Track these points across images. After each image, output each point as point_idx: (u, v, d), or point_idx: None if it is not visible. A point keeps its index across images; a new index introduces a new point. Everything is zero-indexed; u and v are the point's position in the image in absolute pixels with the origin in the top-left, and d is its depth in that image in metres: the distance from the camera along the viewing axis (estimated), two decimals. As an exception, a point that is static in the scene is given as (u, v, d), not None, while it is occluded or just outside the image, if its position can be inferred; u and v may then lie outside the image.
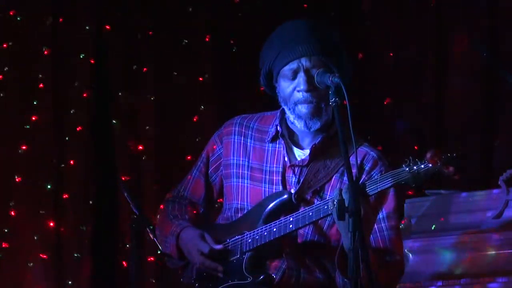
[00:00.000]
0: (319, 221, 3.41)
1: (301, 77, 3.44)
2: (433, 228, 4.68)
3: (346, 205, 3.03)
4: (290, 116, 3.51)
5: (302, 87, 3.44)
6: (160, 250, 3.76)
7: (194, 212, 3.68)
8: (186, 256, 3.56)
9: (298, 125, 3.49)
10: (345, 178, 3.36)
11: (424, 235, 4.64)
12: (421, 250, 4.55)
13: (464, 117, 5.76)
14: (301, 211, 3.39)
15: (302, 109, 3.46)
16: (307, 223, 3.37)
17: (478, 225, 4.58)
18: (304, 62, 3.42)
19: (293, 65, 3.45)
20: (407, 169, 3.22)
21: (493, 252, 4.45)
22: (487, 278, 4.37)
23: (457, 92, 5.81)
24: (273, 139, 3.59)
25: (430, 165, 3.19)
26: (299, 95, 3.45)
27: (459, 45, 5.73)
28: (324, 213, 3.32)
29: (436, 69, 5.93)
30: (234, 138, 3.64)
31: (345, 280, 3.31)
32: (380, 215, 3.48)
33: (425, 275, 4.53)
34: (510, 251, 4.39)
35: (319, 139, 3.51)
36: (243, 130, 3.64)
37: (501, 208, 4.53)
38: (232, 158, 3.62)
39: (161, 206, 3.75)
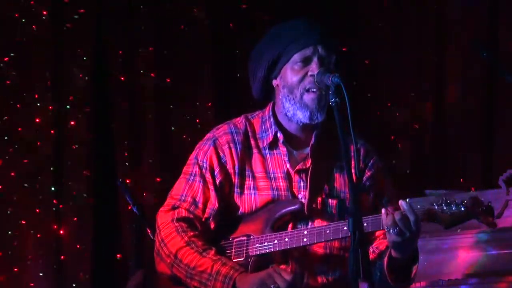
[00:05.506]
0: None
1: (315, 62, 3.38)
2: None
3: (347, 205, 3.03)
4: (291, 109, 3.42)
5: (316, 70, 3.36)
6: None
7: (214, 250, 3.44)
8: None
9: (300, 116, 3.41)
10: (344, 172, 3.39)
11: (424, 235, 4.63)
12: (422, 251, 4.54)
13: (464, 118, 5.77)
14: (317, 228, 3.34)
15: (310, 97, 3.39)
16: (323, 240, 3.34)
17: (478, 225, 4.58)
18: (320, 49, 3.38)
19: (308, 51, 3.39)
20: (440, 210, 3.30)
21: (493, 252, 4.45)
22: (487, 278, 4.37)
23: (457, 93, 5.82)
24: (271, 146, 3.51)
25: (465, 210, 3.30)
26: (310, 80, 3.38)
27: (459, 47, 5.75)
28: (343, 234, 3.29)
29: (436, 70, 5.94)
30: (234, 147, 3.50)
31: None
32: (384, 199, 3.49)
33: (426, 275, 4.53)
34: (510, 251, 4.39)
35: (314, 137, 3.48)
36: (240, 138, 3.52)
37: (501, 208, 4.53)
38: (236, 167, 3.49)
39: (172, 227, 3.44)
